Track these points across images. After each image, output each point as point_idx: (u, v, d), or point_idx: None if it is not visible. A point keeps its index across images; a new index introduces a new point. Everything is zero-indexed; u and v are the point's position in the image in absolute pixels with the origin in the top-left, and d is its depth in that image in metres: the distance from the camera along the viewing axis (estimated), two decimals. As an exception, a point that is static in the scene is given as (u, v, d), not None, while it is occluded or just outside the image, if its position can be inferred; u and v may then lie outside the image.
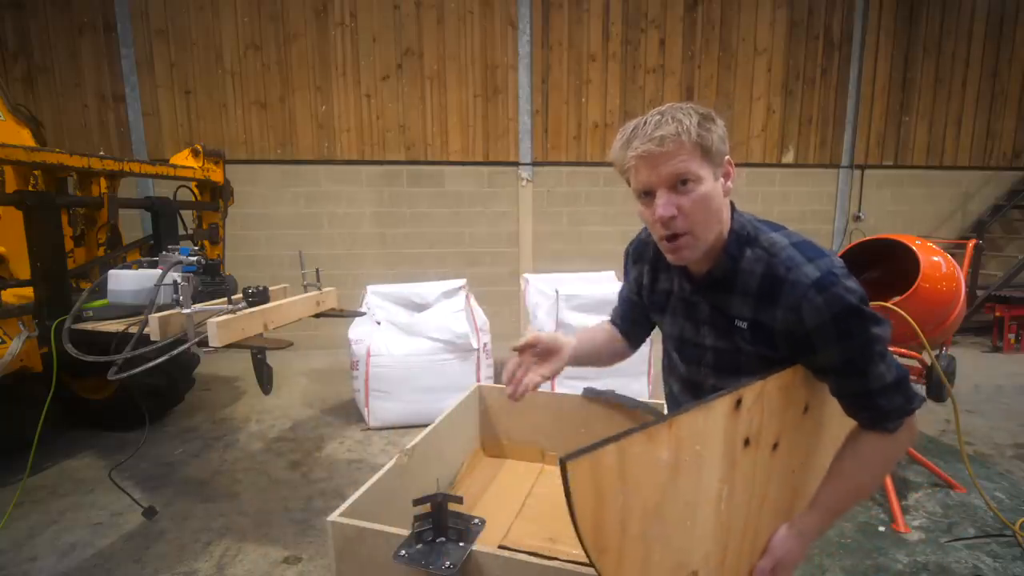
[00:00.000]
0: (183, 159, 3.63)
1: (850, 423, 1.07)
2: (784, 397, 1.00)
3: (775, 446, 1.01)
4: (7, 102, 3.47)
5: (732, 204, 1.08)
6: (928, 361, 2.87)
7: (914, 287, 2.81)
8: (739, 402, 0.93)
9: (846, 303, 0.94)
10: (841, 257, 3.19)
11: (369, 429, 3.87)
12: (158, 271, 2.35)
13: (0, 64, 5.37)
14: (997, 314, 6.08)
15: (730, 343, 1.08)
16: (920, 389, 2.77)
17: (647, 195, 1.00)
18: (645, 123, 0.97)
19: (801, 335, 0.97)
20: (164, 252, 2.63)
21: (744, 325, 1.05)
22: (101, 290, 2.52)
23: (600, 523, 0.79)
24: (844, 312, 0.94)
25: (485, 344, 4.02)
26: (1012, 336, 6.03)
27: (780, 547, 1.03)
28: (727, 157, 1.00)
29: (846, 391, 1.02)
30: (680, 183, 0.96)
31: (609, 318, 1.48)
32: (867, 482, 1.05)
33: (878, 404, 0.99)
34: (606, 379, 2.22)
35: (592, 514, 0.78)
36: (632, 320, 1.40)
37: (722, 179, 1.01)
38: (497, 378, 4.18)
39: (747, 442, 0.95)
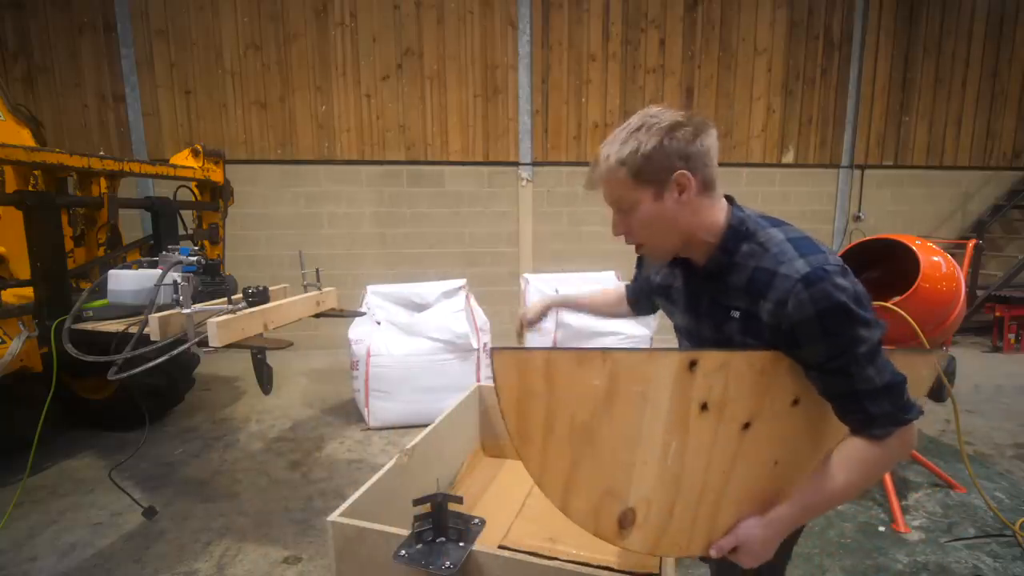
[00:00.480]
0: (183, 159, 3.63)
1: None
2: (760, 379, 1.00)
3: (746, 425, 1.02)
4: (7, 102, 3.46)
5: (731, 199, 1.10)
6: (928, 361, 2.86)
7: (914, 287, 2.81)
8: (694, 363, 0.96)
9: (833, 300, 0.92)
10: (841, 257, 3.20)
11: (369, 429, 3.87)
12: (158, 271, 2.35)
13: (0, 64, 5.37)
14: (997, 314, 6.08)
15: (724, 334, 1.09)
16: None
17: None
18: (596, 158, 1.07)
19: (786, 329, 0.97)
20: (164, 252, 2.63)
21: (737, 315, 1.06)
22: (101, 290, 2.52)
23: (524, 412, 0.91)
24: (830, 309, 0.93)
25: (485, 344, 4.01)
26: (1012, 336, 6.04)
27: (745, 531, 1.02)
28: (680, 172, 1.00)
29: (832, 391, 1.01)
30: (621, 208, 1.06)
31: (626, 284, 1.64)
32: (848, 487, 1.01)
33: (865, 408, 0.97)
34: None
35: (516, 402, 0.91)
36: (638, 295, 1.56)
37: (676, 193, 1.02)
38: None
39: (705, 407, 0.98)
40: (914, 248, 2.93)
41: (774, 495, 1.06)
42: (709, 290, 1.13)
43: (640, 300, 1.56)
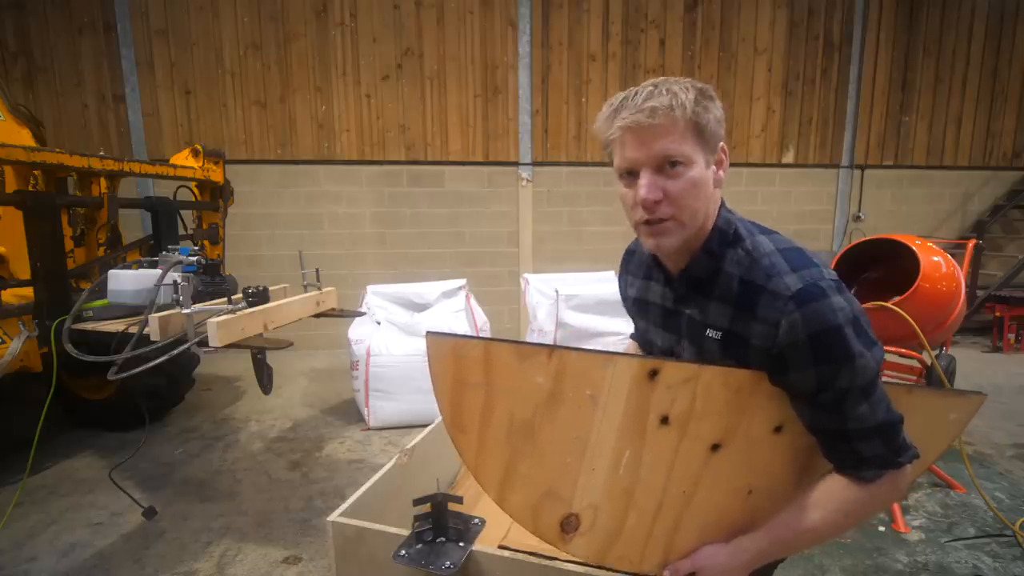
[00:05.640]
0: (183, 159, 3.63)
1: None
2: (735, 399, 0.92)
3: (715, 446, 0.94)
4: (7, 102, 3.46)
5: (722, 200, 0.99)
6: (928, 361, 2.87)
7: (914, 287, 2.82)
8: (655, 372, 0.89)
9: (829, 323, 0.83)
10: (841, 257, 3.20)
11: (369, 429, 3.87)
12: (158, 271, 2.35)
13: (0, 64, 5.37)
14: (997, 314, 6.08)
15: (704, 357, 0.99)
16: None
17: (630, 175, 0.91)
18: (636, 94, 0.88)
19: (775, 353, 0.87)
20: (164, 252, 2.63)
21: (716, 335, 0.95)
22: (101, 290, 2.52)
23: (459, 402, 0.87)
24: (825, 332, 0.83)
25: (485, 344, 4.01)
26: (1012, 336, 6.04)
27: (705, 557, 0.94)
28: (722, 144, 0.92)
29: (819, 426, 0.91)
30: (669, 164, 0.87)
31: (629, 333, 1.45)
32: (825, 527, 0.91)
33: (854, 448, 0.88)
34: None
35: (451, 391, 0.87)
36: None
37: (714, 167, 0.92)
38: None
39: (665, 420, 0.91)
40: (914, 248, 2.93)
41: (746, 525, 0.96)
42: (688, 303, 1.01)
43: None
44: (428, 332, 0.86)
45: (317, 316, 2.61)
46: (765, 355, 0.89)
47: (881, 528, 2.66)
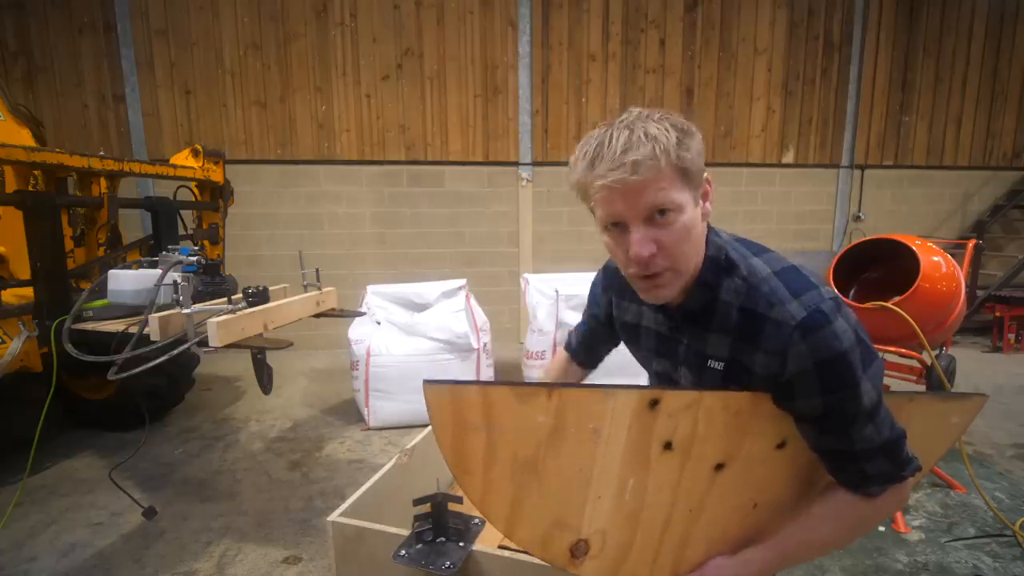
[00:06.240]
0: (183, 159, 3.63)
1: None
2: (735, 420, 0.94)
3: (719, 466, 0.96)
4: (7, 102, 3.46)
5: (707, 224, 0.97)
6: (928, 361, 2.87)
7: (914, 287, 2.82)
8: (655, 402, 0.90)
9: (835, 351, 0.83)
10: (841, 257, 3.20)
11: (369, 429, 3.87)
12: (158, 271, 2.35)
13: (0, 64, 5.37)
14: (997, 314, 6.08)
15: (704, 385, 0.99)
16: (920, 389, 2.77)
17: (616, 226, 0.87)
18: (611, 141, 0.82)
19: (782, 382, 0.87)
20: (164, 252, 2.63)
21: (719, 366, 0.95)
22: (101, 290, 2.52)
23: (461, 446, 0.88)
24: (830, 361, 0.83)
25: (485, 344, 4.01)
26: (1012, 336, 6.03)
27: (714, 568, 0.96)
28: (705, 175, 0.88)
29: (825, 447, 0.92)
30: (658, 213, 0.83)
31: (565, 343, 1.44)
32: (832, 541, 0.95)
33: (861, 467, 0.90)
34: (615, 378, 2.22)
35: (452, 436, 0.88)
36: (588, 347, 1.38)
37: (701, 201, 0.88)
38: (497, 378, 4.17)
39: (668, 446, 0.93)
40: (914, 248, 2.93)
41: (752, 537, 0.99)
42: (684, 332, 1.00)
43: (592, 350, 1.37)
44: (425, 381, 0.86)
45: (317, 316, 2.61)
46: (770, 382, 0.89)
47: (881, 528, 2.65)
